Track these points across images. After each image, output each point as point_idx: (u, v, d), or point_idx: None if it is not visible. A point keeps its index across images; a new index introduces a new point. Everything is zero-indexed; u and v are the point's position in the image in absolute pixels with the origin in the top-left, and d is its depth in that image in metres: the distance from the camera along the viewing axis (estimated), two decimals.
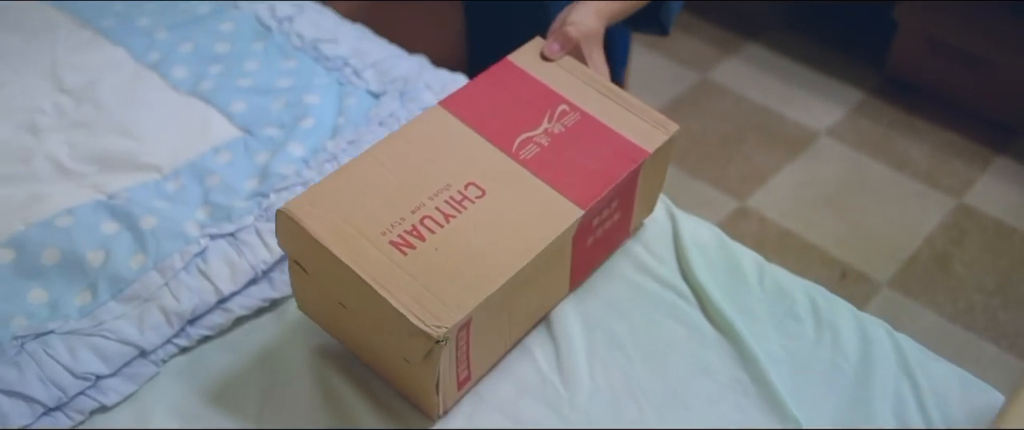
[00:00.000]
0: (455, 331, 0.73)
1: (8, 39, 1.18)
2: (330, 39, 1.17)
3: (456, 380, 0.79)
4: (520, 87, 0.91)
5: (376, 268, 0.74)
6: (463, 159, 0.83)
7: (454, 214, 0.79)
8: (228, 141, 1.04)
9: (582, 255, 0.88)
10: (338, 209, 0.78)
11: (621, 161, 0.85)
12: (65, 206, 0.95)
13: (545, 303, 0.88)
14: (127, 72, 1.13)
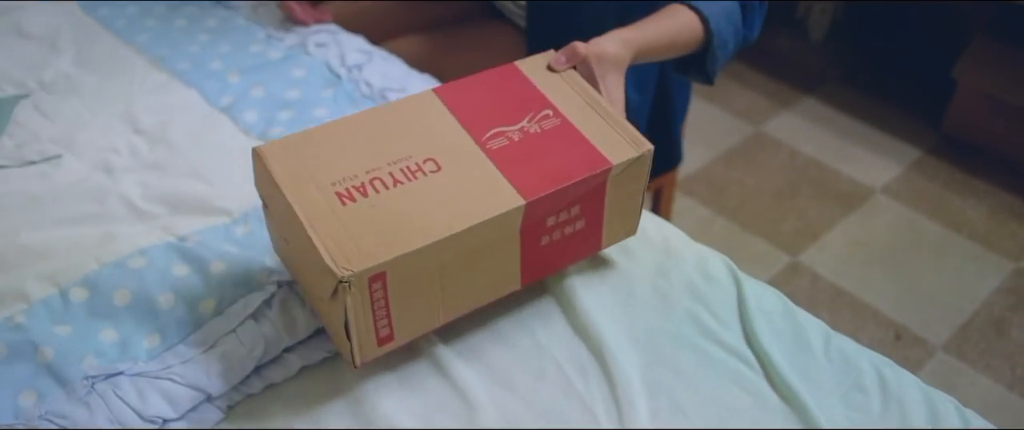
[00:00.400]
0: (366, 279, 0.77)
1: (86, 78, 1.21)
2: (398, 89, 1.18)
3: (375, 335, 0.83)
4: (513, 88, 0.95)
5: (313, 210, 0.81)
6: (431, 137, 0.88)
7: (403, 181, 0.84)
8: None
9: (535, 252, 0.89)
10: (303, 158, 0.85)
11: (581, 166, 0.87)
12: (138, 247, 0.97)
13: (492, 290, 0.90)
14: (200, 115, 1.15)
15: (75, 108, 1.16)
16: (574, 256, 0.95)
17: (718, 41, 1.16)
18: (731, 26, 1.18)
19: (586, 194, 0.88)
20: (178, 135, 1.11)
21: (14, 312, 0.90)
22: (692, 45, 1.16)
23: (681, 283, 0.98)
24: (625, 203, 0.94)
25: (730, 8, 1.17)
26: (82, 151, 1.10)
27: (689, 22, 1.14)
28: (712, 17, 1.14)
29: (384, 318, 0.82)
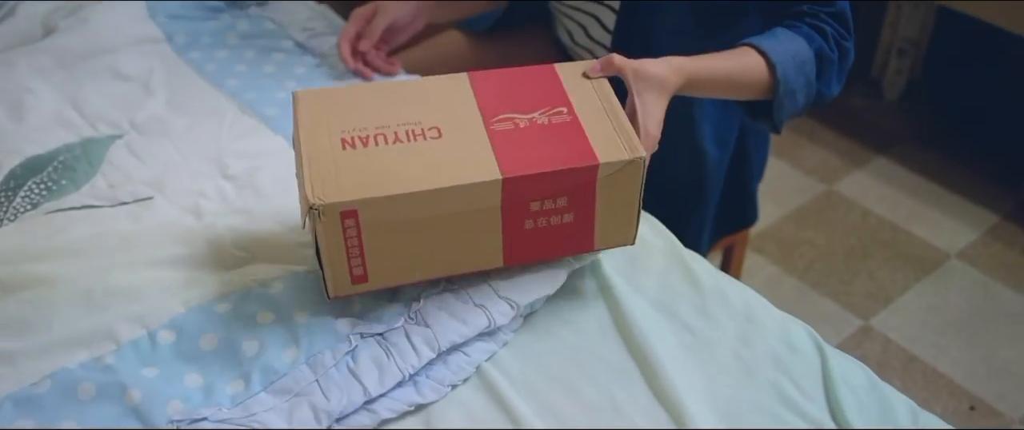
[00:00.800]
0: (337, 213, 0.86)
1: (178, 121, 1.24)
2: None
3: (349, 271, 0.91)
4: (540, 85, 1.00)
5: (315, 150, 0.90)
6: (446, 110, 0.96)
7: (404, 141, 0.92)
8: None
9: (519, 234, 0.93)
10: (328, 107, 0.96)
11: (568, 158, 0.91)
12: (224, 292, 0.98)
13: (472, 261, 0.95)
14: (286, 162, 1.16)
15: (166, 150, 1.19)
16: (562, 249, 0.98)
17: (784, 89, 1.14)
18: (802, 77, 1.16)
19: (574, 188, 0.91)
20: (265, 181, 1.13)
21: (103, 352, 0.92)
22: (758, 89, 1.15)
23: (764, 352, 0.97)
24: (620, 208, 0.95)
25: (803, 59, 1.15)
26: (172, 193, 1.12)
27: (755, 65, 1.13)
28: (780, 64, 1.13)
29: (358, 257, 0.90)
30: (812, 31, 1.18)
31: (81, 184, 1.14)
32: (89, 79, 1.31)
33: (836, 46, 1.19)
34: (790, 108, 1.18)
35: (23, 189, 1.13)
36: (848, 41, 1.20)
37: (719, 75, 1.11)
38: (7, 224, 1.09)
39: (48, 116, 1.25)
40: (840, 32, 1.19)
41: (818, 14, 1.18)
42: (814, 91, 1.19)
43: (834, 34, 1.18)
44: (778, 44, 1.14)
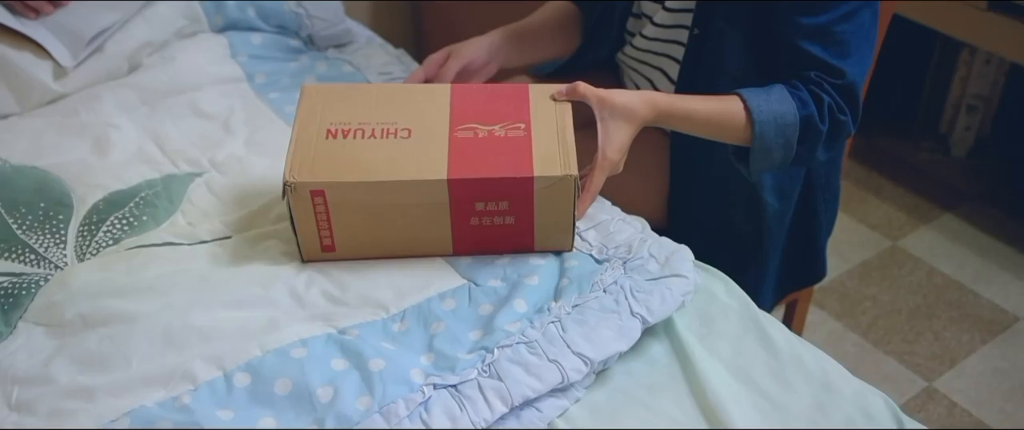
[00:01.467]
0: (307, 191, 1.02)
1: (256, 161, 1.26)
2: None
3: (318, 240, 1.07)
4: (509, 102, 1.13)
5: (304, 135, 1.06)
6: (420, 115, 1.10)
7: (377, 137, 1.07)
8: (453, 288, 1.06)
9: (466, 229, 1.07)
10: (329, 101, 1.12)
11: (508, 169, 1.04)
12: (299, 336, 0.99)
13: (427, 246, 1.09)
14: None
15: (245, 189, 1.21)
16: (506, 245, 1.10)
17: (759, 145, 1.18)
18: (781, 139, 1.18)
19: (513, 194, 1.04)
20: None
21: (181, 392, 0.93)
22: (734, 137, 1.20)
23: (840, 420, 0.96)
24: (556, 217, 1.07)
25: (787, 122, 1.18)
26: (250, 235, 1.14)
27: (735, 115, 1.18)
28: (759, 123, 1.16)
29: (326, 230, 1.06)
30: (809, 97, 1.19)
31: (161, 221, 1.16)
32: (171, 116, 1.34)
33: (829, 117, 1.20)
34: (764, 164, 1.22)
35: (106, 224, 1.15)
36: (845, 115, 1.21)
37: (696, 116, 1.18)
38: (89, 258, 1.11)
39: (131, 151, 1.28)
40: (839, 105, 1.20)
41: (822, 83, 1.20)
42: (793, 154, 1.21)
43: (832, 106, 1.20)
44: (766, 101, 1.18)
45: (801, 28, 1.19)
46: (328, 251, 1.08)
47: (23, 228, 1.15)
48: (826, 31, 1.19)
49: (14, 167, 1.25)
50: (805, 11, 1.19)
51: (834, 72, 1.20)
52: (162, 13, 1.47)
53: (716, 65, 1.27)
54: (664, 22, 1.35)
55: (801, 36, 1.20)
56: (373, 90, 1.17)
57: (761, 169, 1.24)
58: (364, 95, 1.14)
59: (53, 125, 1.33)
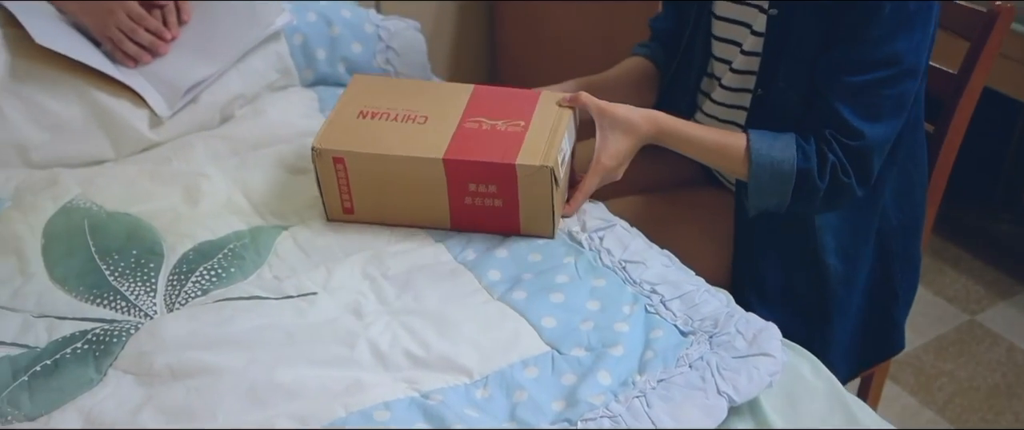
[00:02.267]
0: (330, 157, 1.20)
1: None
2: (638, 261, 1.19)
3: (340, 201, 1.24)
4: (519, 102, 1.27)
5: (340, 115, 1.25)
6: (439, 107, 1.26)
7: (398, 121, 1.24)
8: (536, 355, 1.06)
9: (461, 207, 1.22)
10: (370, 90, 1.30)
11: (496, 155, 1.18)
12: (383, 399, 0.99)
13: (428, 217, 1.25)
14: (446, 269, 1.18)
15: (330, 245, 1.22)
16: (495, 226, 1.23)
17: (753, 184, 1.25)
18: (776, 184, 1.24)
19: (499, 179, 1.19)
20: (425, 287, 1.15)
21: None
22: (731, 170, 1.29)
23: None
24: (537, 205, 1.20)
25: (784, 170, 1.23)
26: (335, 290, 1.15)
27: (735, 149, 1.26)
28: (755, 164, 1.24)
29: (346, 193, 1.23)
30: (813, 152, 1.24)
31: (248, 273, 1.18)
32: (260, 168, 1.37)
33: (829, 176, 1.24)
34: (760, 203, 1.28)
35: (194, 274, 1.17)
36: (849, 178, 1.24)
37: (694, 141, 1.28)
38: (178, 308, 1.13)
39: (220, 202, 1.30)
40: (845, 166, 1.24)
41: (833, 141, 1.23)
42: (788, 202, 1.26)
43: (836, 165, 1.23)
44: (768, 145, 1.24)
45: (839, 86, 1.22)
46: (348, 213, 1.25)
47: (115, 275, 1.17)
48: (861, 92, 1.22)
49: (108, 213, 1.28)
50: (850, 69, 1.21)
51: (852, 133, 1.23)
52: (255, 67, 1.50)
53: (776, 125, 1.29)
54: (731, 84, 1.37)
55: (835, 94, 1.23)
56: (411, 85, 1.39)
57: (758, 207, 1.29)
58: (400, 87, 1.35)
59: (146, 172, 1.36)
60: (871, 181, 1.28)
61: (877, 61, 1.21)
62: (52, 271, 1.18)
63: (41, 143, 1.38)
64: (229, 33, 1.48)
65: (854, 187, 1.25)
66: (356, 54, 1.58)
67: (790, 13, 1.25)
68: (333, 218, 1.26)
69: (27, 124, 1.37)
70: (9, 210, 1.29)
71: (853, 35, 1.20)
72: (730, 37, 1.37)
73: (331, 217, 1.26)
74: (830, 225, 1.37)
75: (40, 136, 1.38)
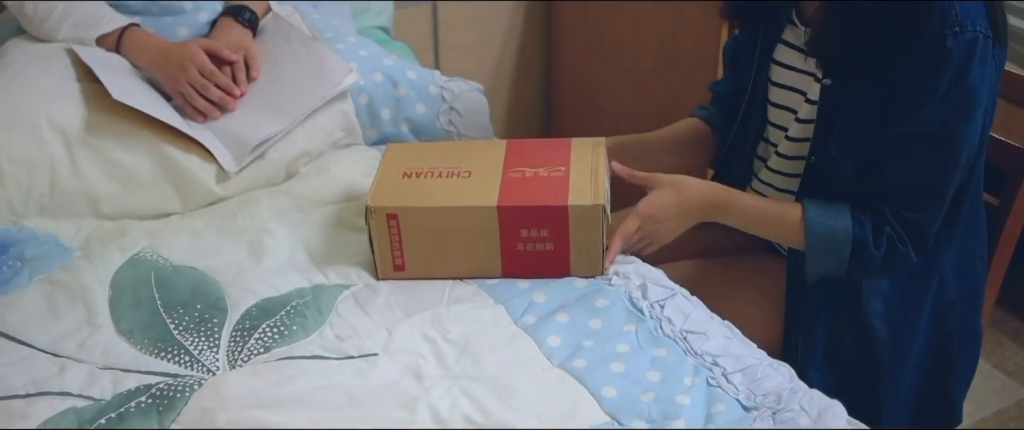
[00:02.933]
0: (384, 214, 1.23)
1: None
2: (700, 331, 1.18)
3: (391, 259, 1.27)
4: (554, 151, 1.34)
5: (386, 175, 1.30)
6: (480, 161, 1.32)
7: (444, 177, 1.29)
8: (596, 426, 1.05)
9: (513, 254, 1.26)
10: (409, 153, 1.36)
11: (547, 199, 1.23)
12: None
13: (482, 266, 1.27)
14: (505, 333, 1.18)
15: (390, 304, 1.23)
16: (546, 270, 1.27)
17: (810, 252, 1.27)
18: (833, 251, 1.25)
19: (551, 222, 1.23)
20: (484, 351, 1.15)
21: None
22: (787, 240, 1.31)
23: None
24: (588, 245, 1.25)
25: (840, 238, 1.25)
26: (395, 352, 1.15)
27: (791, 218, 1.28)
28: (811, 233, 1.25)
29: (398, 251, 1.25)
30: (869, 221, 1.25)
31: (310, 332, 1.19)
32: (322, 226, 1.39)
33: (886, 245, 1.25)
34: (817, 269, 1.29)
35: (257, 331, 1.18)
36: (906, 247, 1.25)
37: (749, 210, 1.31)
38: (241, 365, 1.14)
39: (283, 258, 1.32)
40: (901, 236, 1.25)
41: (886, 214, 1.24)
42: (846, 269, 1.27)
43: (892, 235, 1.24)
44: (824, 214, 1.26)
45: (893, 160, 1.23)
46: (399, 270, 1.27)
47: (180, 329, 1.19)
48: (917, 168, 1.23)
49: (174, 266, 1.30)
50: (905, 145, 1.22)
51: (907, 206, 1.24)
52: (321, 125, 1.53)
53: (830, 193, 1.30)
54: (786, 152, 1.38)
55: (890, 168, 1.24)
56: (446, 145, 1.48)
57: (816, 273, 1.30)
58: (438, 148, 1.41)
59: (212, 227, 1.39)
60: (928, 247, 1.28)
61: (933, 137, 1.21)
62: (118, 323, 1.20)
63: (112, 195, 1.41)
64: (297, 91, 1.51)
65: (911, 254, 1.26)
66: (420, 115, 1.60)
67: (844, 84, 1.26)
68: (383, 277, 1.28)
69: (100, 176, 1.40)
70: (78, 259, 1.32)
71: (909, 111, 1.21)
72: (786, 104, 1.37)
73: (382, 276, 1.28)
74: (880, 290, 1.36)
75: (111, 188, 1.41)
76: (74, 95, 1.44)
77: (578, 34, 2.49)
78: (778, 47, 1.37)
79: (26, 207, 1.39)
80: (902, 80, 1.20)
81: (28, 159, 1.38)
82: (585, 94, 2.51)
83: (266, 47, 1.58)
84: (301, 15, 1.71)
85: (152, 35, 1.55)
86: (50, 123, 1.40)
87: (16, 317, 1.20)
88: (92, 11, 1.53)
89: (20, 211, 1.39)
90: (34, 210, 1.39)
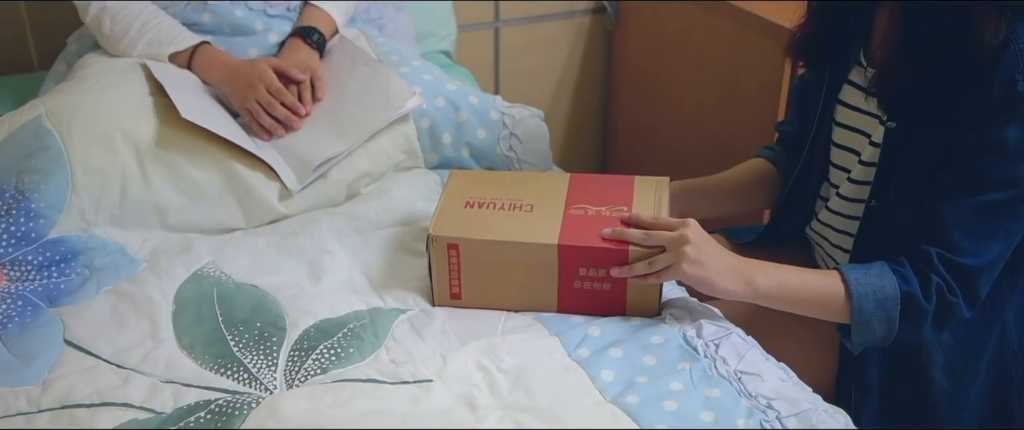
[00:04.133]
0: (445, 243, 1.25)
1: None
2: (754, 373, 1.17)
3: (449, 287, 1.28)
4: (617, 189, 1.34)
5: (449, 204, 1.31)
6: (542, 195, 1.33)
7: (506, 209, 1.30)
8: None
9: (570, 291, 1.26)
10: (472, 182, 1.37)
11: (607, 240, 1.24)
12: None
13: (537, 300, 1.28)
14: (559, 365, 1.19)
15: (446, 331, 1.24)
16: (601, 309, 1.27)
17: (858, 317, 1.22)
18: (882, 312, 1.21)
19: (611, 263, 1.22)
20: (537, 382, 1.15)
21: None
22: (831, 312, 1.24)
23: None
24: (645, 287, 1.25)
25: (886, 296, 1.20)
26: (449, 379, 1.16)
27: (832, 288, 1.23)
28: (857, 294, 1.21)
29: (456, 280, 1.27)
30: (914, 274, 1.21)
31: (366, 355, 1.20)
32: (381, 248, 1.40)
33: (936, 297, 1.21)
34: (865, 337, 1.24)
35: (315, 352, 1.20)
36: (956, 297, 1.21)
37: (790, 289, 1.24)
38: (298, 385, 1.16)
39: (341, 280, 1.34)
40: (950, 286, 1.21)
41: (934, 261, 1.21)
42: (896, 329, 1.22)
43: (941, 286, 1.20)
44: (865, 275, 1.22)
45: (952, 205, 1.21)
46: (455, 298, 1.29)
47: (239, 346, 1.21)
48: (976, 213, 1.20)
49: (236, 284, 1.32)
50: (966, 190, 1.20)
51: (962, 253, 1.20)
52: (383, 147, 1.55)
53: (884, 239, 1.29)
54: (848, 194, 1.37)
55: (948, 213, 1.21)
56: (509, 176, 1.49)
57: (863, 342, 1.25)
58: (500, 178, 1.42)
59: (273, 245, 1.41)
60: (979, 302, 1.25)
61: (995, 183, 1.19)
62: (181, 337, 1.23)
63: (179, 207, 1.45)
64: (361, 112, 1.54)
65: (961, 307, 1.23)
66: (480, 140, 1.62)
67: (909, 127, 1.25)
68: (439, 303, 1.29)
69: (168, 188, 1.44)
70: (144, 272, 1.35)
71: (972, 156, 1.19)
72: (850, 145, 1.36)
73: (438, 302, 1.30)
74: (940, 341, 1.33)
75: (179, 200, 1.45)
76: (147, 109, 1.49)
77: (639, 64, 2.50)
78: (844, 88, 1.37)
79: (97, 215, 1.43)
80: (969, 123, 1.19)
81: (102, 169, 1.42)
82: (643, 124, 2.51)
83: (332, 68, 1.61)
84: (367, 38, 1.74)
85: (223, 53, 1.59)
86: (124, 135, 1.45)
87: (84, 327, 1.24)
88: (166, 29, 1.58)
89: (91, 219, 1.43)
90: (105, 219, 1.43)
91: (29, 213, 1.38)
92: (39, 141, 1.43)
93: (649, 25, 2.42)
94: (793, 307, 1.26)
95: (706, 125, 2.28)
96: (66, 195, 1.40)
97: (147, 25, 1.57)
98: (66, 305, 1.29)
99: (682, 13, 2.27)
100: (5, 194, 1.39)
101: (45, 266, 1.34)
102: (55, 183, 1.40)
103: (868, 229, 1.32)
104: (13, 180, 1.40)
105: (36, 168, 1.40)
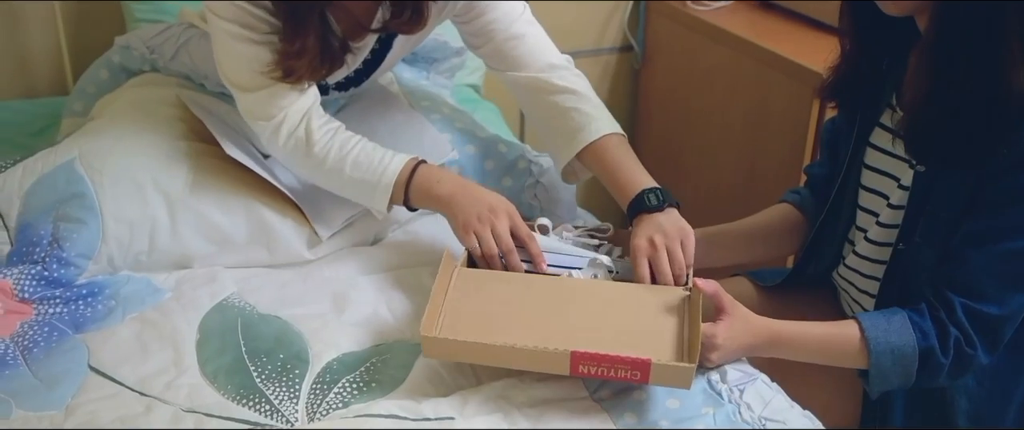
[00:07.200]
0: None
1: None
2: (779, 420, 1.16)
3: None
4: None
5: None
6: None
7: None
8: None
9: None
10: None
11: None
12: None
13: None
14: (580, 405, 1.18)
15: (466, 369, 1.24)
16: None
17: (875, 372, 1.23)
18: (899, 367, 1.22)
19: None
20: (557, 421, 1.14)
21: None
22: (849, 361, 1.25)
23: None
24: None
25: (904, 353, 1.21)
26: (470, 417, 1.15)
27: (851, 339, 1.24)
28: (875, 352, 1.21)
29: None
30: (932, 327, 1.22)
31: (388, 390, 1.20)
32: (407, 285, 1.40)
33: (954, 350, 1.21)
34: (882, 386, 1.25)
35: (337, 385, 1.20)
36: (974, 349, 1.21)
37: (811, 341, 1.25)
38: (319, 419, 1.15)
39: (366, 314, 1.34)
40: (969, 337, 1.21)
41: (955, 311, 1.21)
42: (912, 381, 1.24)
43: (959, 339, 1.21)
44: (884, 331, 1.22)
45: (980, 252, 1.20)
46: None
47: (262, 377, 1.21)
48: (1003, 261, 1.20)
49: (260, 314, 1.33)
50: (995, 237, 1.19)
51: (987, 301, 1.20)
52: None
53: (910, 283, 1.28)
54: (876, 238, 1.36)
55: (975, 260, 1.21)
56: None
57: (880, 390, 1.26)
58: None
59: (300, 277, 1.41)
60: (999, 347, 1.24)
61: (1022, 230, 1.19)
62: (204, 366, 1.23)
63: (206, 255, 1.44)
64: None
65: (979, 356, 1.23)
66: (506, 187, 1.60)
67: (937, 171, 1.24)
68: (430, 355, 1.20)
69: (196, 237, 1.43)
70: (170, 300, 1.36)
71: (999, 202, 1.19)
72: (878, 189, 1.36)
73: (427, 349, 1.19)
74: (965, 388, 1.32)
75: (206, 248, 1.44)
76: (179, 155, 1.48)
77: (665, 102, 2.50)
78: (875, 131, 1.36)
79: (124, 261, 1.42)
80: (997, 169, 1.18)
81: (131, 220, 1.41)
82: (669, 158, 2.51)
83: (363, 111, 1.61)
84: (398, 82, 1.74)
85: (441, 169, 1.48)
86: (156, 186, 1.43)
87: (108, 353, 1.25)
88: (368, 151, 1.42)
89: (117, 265, 1.42)
90: (130, 264, 1.43)
91: (61, 261, 1.37)
92: (72, 188, 1.42)
93: (676, 64, 2.43)
94: (812, 355, 1.28)
95: (732, 163, 2.27)
96: (97, 245, 1.40)
97: (344, 144, 1.43)
98: (91, 331, 1.30)
99: (709, 53, 2.27)
100: (42, 242, 1.39)
101: (73, 300, 1.35)
102: (87, 233, 1.39)
103: (896, 273, 1.32)
104: (50, 227, 1.39)
105: (71, 216, 1.39)
